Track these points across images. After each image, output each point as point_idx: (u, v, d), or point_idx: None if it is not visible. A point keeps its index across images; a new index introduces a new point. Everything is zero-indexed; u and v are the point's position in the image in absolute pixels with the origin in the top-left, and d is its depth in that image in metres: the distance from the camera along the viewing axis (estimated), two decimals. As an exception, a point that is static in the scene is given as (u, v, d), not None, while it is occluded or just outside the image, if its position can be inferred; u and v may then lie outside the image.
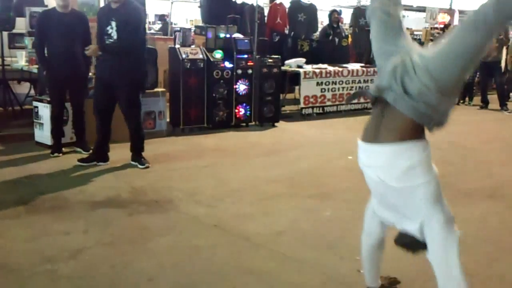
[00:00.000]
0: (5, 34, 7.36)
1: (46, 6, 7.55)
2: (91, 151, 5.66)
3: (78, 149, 5.87)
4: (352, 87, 8.93)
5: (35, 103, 6.15)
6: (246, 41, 7.61)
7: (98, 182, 4.90)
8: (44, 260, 3.27)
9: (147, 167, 5.36)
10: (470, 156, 6.20)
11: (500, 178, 5.37)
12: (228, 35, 7.62)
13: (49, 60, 5.59)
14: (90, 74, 6.02)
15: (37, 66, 6.57)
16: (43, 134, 6.04)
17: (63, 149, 5.82)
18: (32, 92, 7.97)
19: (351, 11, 11.72)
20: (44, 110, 5.98)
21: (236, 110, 7.48)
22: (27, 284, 3.01)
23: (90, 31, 5.74)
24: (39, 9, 6.88)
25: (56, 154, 5.70)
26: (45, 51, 5.59)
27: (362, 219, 2.76)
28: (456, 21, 16.11)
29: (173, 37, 9.04)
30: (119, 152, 5.79)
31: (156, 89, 6.87)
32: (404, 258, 3.21)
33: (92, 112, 5.53)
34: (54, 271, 3.15)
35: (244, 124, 7.64)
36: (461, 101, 10.60)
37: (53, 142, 5.79)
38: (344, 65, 9.31)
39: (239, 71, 7.38)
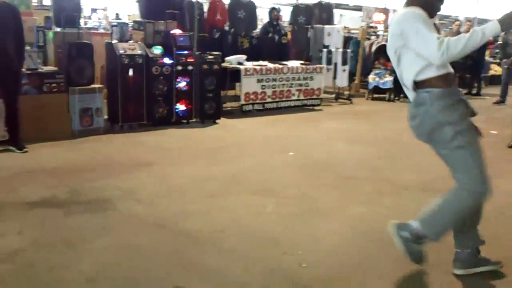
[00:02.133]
0: None
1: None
2: (26, 149, 5.46)
3: (12, 148, 5.61)
4: (292, 84, 9.05)
5: (-38, 99, 5.83)
6: (185, 37, 7.54)
7: (33, 182, 4.71)
8: (-25, 264, 3.12)
9: None
10: (403, 152, 6.41)
11: (431, 173, 5.59)
12: (167, 31, 7.52)
13: None
14: (23, 69, 5.80)
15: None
16: (-27, 132, 5.74)
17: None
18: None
19: (290, 9, 11.84)
20: (-27, 107, 5.69)
21: (177, 107, 7.40)
22: (-43, 290, 2.87)
23: (22, 25, 5.53)
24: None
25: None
26: None
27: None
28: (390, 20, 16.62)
29: (110, 32, 8.84)
30: (55, 151, 5.61)
31: (92, 85, 6.70)
32: (340, 252, 3.30)
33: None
34: (-14, 275, 3.01)
35: (185, 121, 7.57)
36: (396, 98, 10.99)
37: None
38: (284, 62, 9.41)
39: (179, 68, 7.30)
